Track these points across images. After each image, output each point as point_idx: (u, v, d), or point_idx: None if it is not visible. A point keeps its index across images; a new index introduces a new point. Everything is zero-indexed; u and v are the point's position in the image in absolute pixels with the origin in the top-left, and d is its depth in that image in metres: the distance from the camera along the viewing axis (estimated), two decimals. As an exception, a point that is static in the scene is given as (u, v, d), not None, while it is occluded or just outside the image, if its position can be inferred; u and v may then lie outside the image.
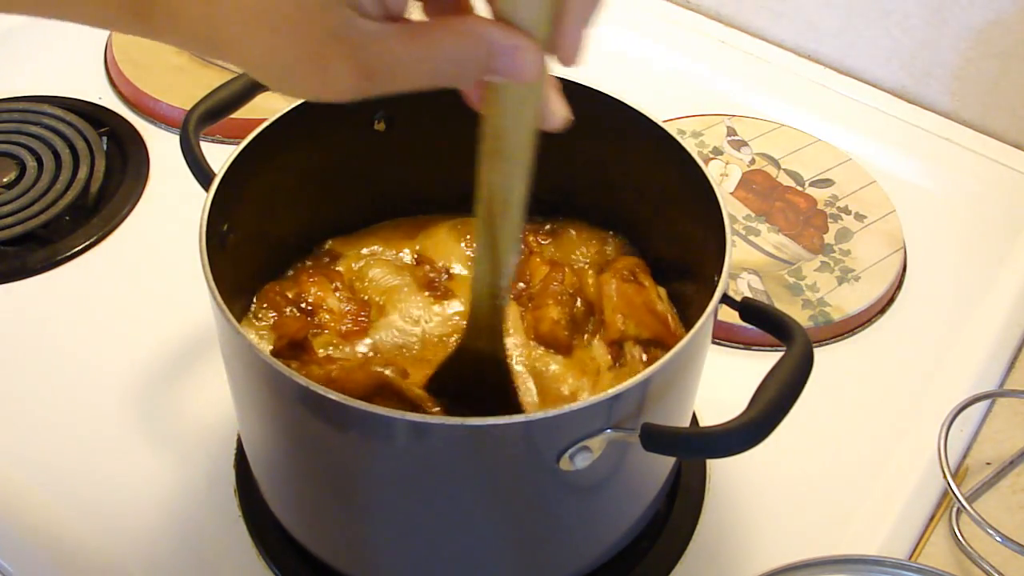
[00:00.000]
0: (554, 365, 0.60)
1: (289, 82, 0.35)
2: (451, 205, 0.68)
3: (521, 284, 0.64)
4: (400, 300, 0.63)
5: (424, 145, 0.65)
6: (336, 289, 0.63)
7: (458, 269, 0.66)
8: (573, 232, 0.68)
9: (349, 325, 0.61)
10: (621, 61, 0.99)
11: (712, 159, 0.88)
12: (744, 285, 0.77)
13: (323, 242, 0.67)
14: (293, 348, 0.59)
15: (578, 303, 0.62)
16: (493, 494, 0.51)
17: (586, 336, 0.62)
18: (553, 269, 0.63)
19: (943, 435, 0.66)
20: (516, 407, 0.55)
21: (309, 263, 0.66)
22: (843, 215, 0.83)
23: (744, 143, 0.89)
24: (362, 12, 0.34)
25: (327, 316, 0.62)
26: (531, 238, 0.67)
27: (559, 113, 0.41)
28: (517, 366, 0.60)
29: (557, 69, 0.39)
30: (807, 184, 0.86)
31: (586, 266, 0.66)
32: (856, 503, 0.67)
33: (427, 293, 0.64)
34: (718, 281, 0.51)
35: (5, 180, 0.82)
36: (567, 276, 0.63)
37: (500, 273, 0.47)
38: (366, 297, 0.64)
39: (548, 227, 0.69)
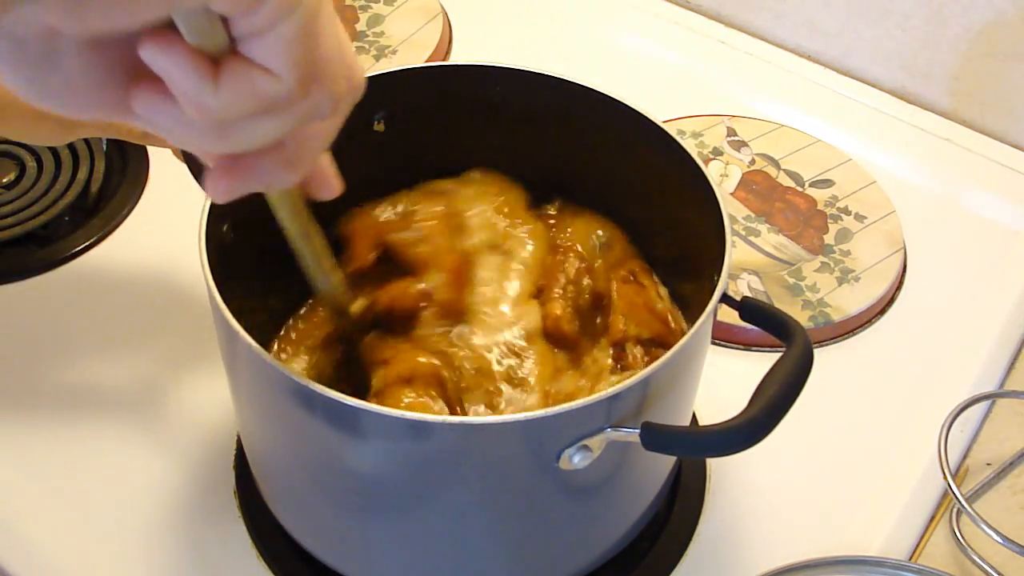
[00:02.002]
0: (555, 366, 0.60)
1: None
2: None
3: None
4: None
5: (424, 144, 0.65)
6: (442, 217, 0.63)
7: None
8: (577, 218, 0.67)
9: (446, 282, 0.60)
10: (621, 61, 0.99)
11: (712, 159, 0.88)
12: (744, 286, 0.77)
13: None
14: (388, 318, 0.59)
15: (584, 291, 0.62)
16: (493, 493, 0.51)
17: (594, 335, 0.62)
18: (559, 254, 0.63)
19: (943, 436, 0.66)
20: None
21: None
22: (843, 215, 0.83)
23: (744, 143, 0.89)
24: None
25: (425, 249, 0.61)
26: (536, 223, 0.65)
27: (327, 188, 0.45)
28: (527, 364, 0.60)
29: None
30: (807, 185, 0.86)
31: (594, 250, 0.65)
32: (856, 503, 0.67)
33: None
34: (718, 281, 0.51)
35: (5, 180, 0.82)
36: (571, 263, 0.62)
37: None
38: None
39: (552, 211, 0.67)
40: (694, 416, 0.67)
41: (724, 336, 0.75)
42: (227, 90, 0.33)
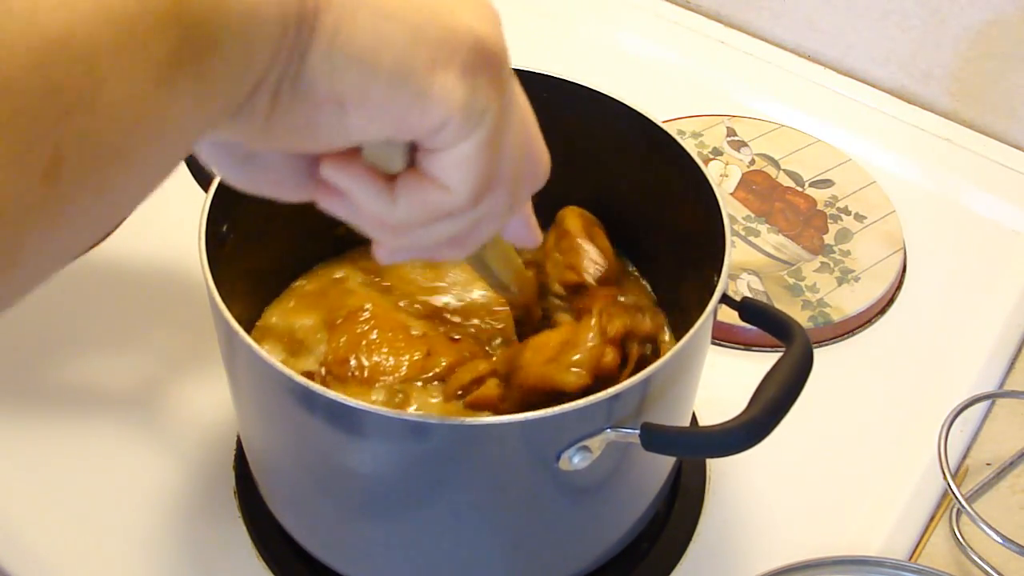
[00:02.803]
0: None
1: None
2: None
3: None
4: None
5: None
6: None
7: None
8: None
9: None
10: (621, 61, 0.99)
11: (712, 160, 0.88)
12: (744, 286, 0.77)
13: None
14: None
15: None
16: (493, 493, 0.51)
17: None
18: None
19: (943, 436, 0.66)
20: None
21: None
22: (843, 215, 0.83)
23: (744, 143, 0.89)
24: None
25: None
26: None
27: (526, 240, 0.44)
28: None
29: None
30: (807, 184, 0.86)
31: None
32: (856, 503, 0.67)
33: None
34: (718, 281, 0.51)
35: (5, 180, 0.82)
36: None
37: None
38: None
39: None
40: (694, 416, 0.67)
41: (724, 336, 0.75)
42: (403, 205, 0.34)
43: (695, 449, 0.50)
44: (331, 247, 0.68)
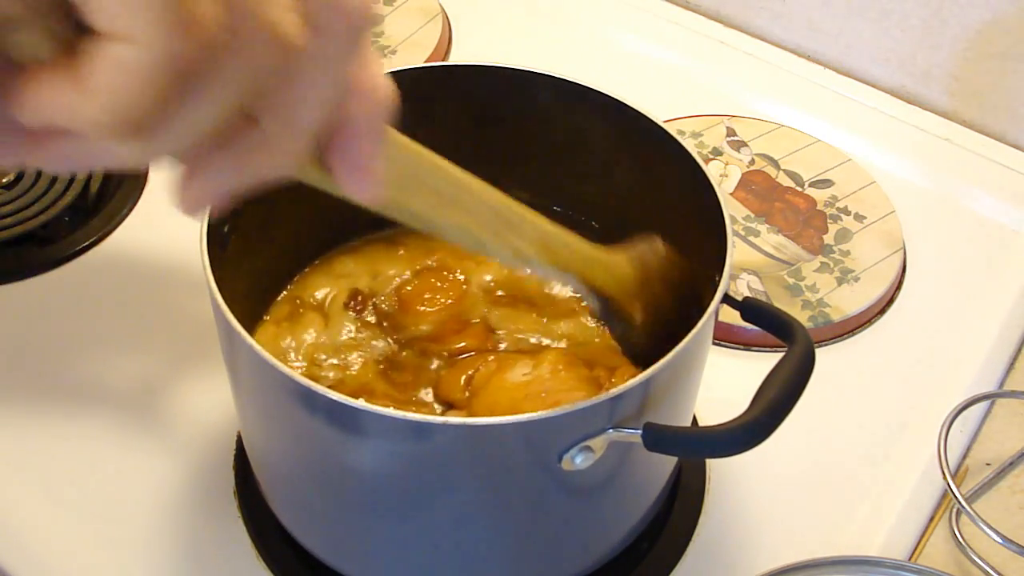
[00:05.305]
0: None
1: None
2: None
3: None
4: None
5: (425, 145, 0.65)
6: None
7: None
8: None
9: None
10: (621, 61, 0.99)
11: (711, 159, 0.88)
12: (743, 286, 0.77)
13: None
14: None
15: None
16: (494, 493, 0.51)
17: None
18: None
19: (943, 436, 0.66)
20: None
21: None
22: (843, 215, 0.83)
23: (744, 143, 0.89)
24: None
25: None
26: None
27: (347, 176, 0.35)
28: None
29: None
30: (807, 184, 0.86)
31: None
32: (856, 503, 0.67)
33: None
34: (719, 281, 0.51)
35: (4, 180, 0.82)
36: None
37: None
38: None
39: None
40: (694, 417, 0.67)
41: (724, 336, 0.75)
42: (98, 82, 0.26)
43: (697, 449, 0.51)
44: (331, 247, 0.68)
